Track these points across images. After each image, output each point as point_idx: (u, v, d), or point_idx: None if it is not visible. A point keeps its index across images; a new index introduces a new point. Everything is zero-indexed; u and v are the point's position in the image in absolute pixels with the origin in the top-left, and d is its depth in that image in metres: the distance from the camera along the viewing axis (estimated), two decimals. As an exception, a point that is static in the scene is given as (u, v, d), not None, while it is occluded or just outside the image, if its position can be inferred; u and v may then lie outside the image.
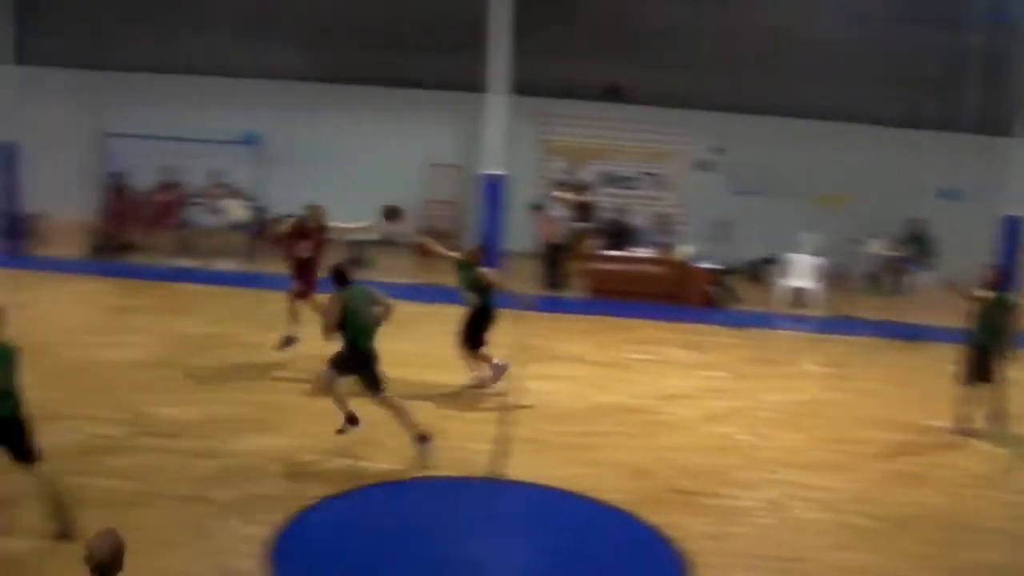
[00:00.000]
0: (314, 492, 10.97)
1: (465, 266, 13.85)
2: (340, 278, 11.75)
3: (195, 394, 13.71)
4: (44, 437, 11.35)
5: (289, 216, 15.00)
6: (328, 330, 11.60)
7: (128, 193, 20.94)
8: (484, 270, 13.90)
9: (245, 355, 15.24)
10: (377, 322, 11.84)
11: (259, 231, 20.22)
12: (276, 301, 15.47)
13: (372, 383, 11.78)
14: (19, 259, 19.89)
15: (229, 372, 14.60)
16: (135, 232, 20.72)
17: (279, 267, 15.44)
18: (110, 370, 14.26)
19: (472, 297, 13.72)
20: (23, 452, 9.74)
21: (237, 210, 20.70)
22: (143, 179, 21.05)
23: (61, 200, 21.76)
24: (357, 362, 11.72)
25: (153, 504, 10.69)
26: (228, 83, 22.00)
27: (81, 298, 18.00)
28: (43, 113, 21.56)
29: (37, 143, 20.79)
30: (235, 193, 21.01)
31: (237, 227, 20.59)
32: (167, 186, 21.07)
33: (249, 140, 21.34)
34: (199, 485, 11.11)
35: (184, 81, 22.24)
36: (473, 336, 13.92)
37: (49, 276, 18.94)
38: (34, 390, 12.81)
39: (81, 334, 15.82)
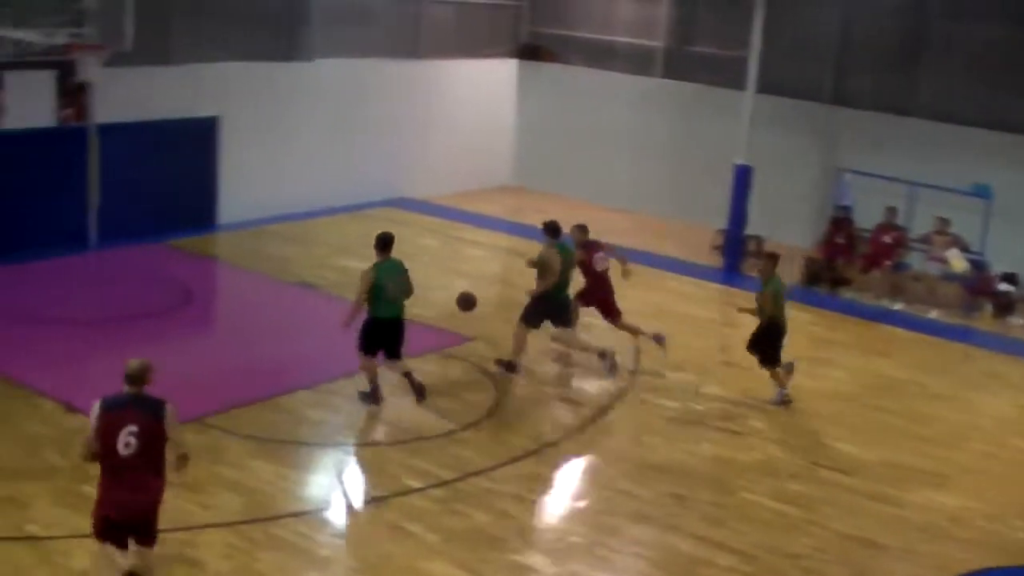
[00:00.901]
0: (983, 561, 11.35)
1: None
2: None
3: (877, 436, 14.90)
4: (727, 449, 12.89)
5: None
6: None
7: (849, 229, 22.10)
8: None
9: (933, 407, 15.69)
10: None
11: (977, 285, 20.29)
12: (983, 359, 15.73)
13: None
14: (736, 278, 21.83)
15: (914, 420, 15.14)
16: (850, 268, 21.63)
17: (994, 325, 15.75)
18: (802, 397, 16.69)
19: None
20: (397, 350, 14.47)
21: (958, 261, 20.94)
22: (866, 217, 21.92)
23: (781, 226, 23.60)
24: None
25: (814, 534, 11.60)
26: (962, 131, 22.33)
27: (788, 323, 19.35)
28: (775, 140, 23.11)
29: (766, 168, 22.38)
30: (957, 243, 21.16)
31: (955, 278, 20.78)
32: (888, 227, 21.96)
33: (979, 193, 21.40)
34: (865, 527, 11.88)
35: (919, 125, 22.94)
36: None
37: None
38: (725, 403, 14.44)
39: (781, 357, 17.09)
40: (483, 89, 28.70)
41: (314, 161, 24.62)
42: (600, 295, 17.09)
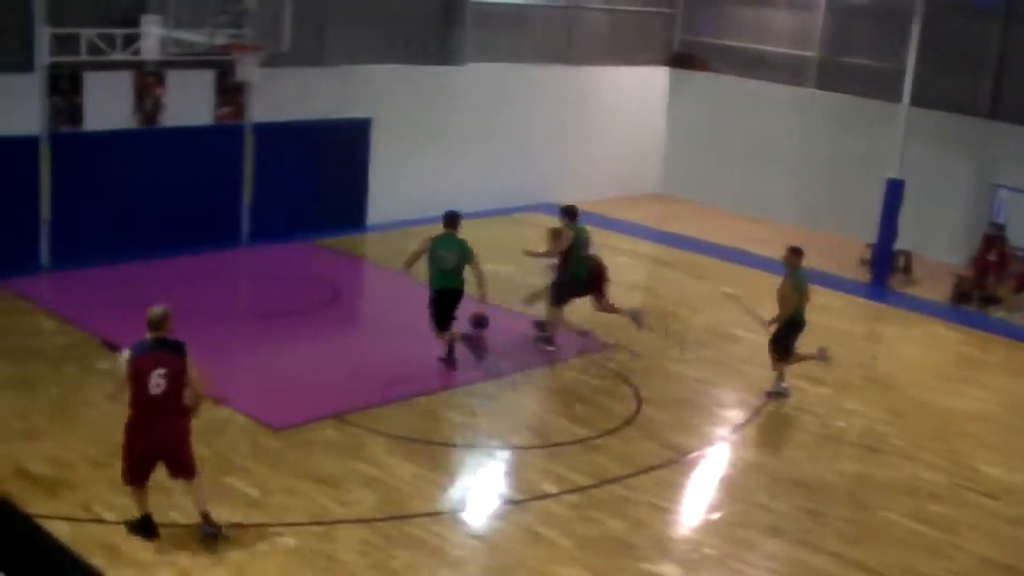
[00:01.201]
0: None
1: None
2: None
3: (1024, 459, 14.20)
4: (867, 466, 12.64)
5: None
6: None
7: (1001, 246, 21.60)
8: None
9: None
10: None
11: None
12: None
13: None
14: (883, 293, 21.73)
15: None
16: (1001, 287, 21.13)
17: None
18: (947, 417, 15.79)
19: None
20: (449, 318, 15.51)
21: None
22: (1020, 235, 21.37)
23: (932, 242, 23.33)
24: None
25: (953, 557, 11.41)
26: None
27: (934, 341, 19.41)
28: (929, 154, 22.71)
29: (918, 182, 22.01)
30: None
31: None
32: (1043, 246, 21.23)
33: None
34: (1008, 553, 11.70)
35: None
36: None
37: (907, 314, 20.73)
38: (867, 419, 14.16)
39: (927, 376, 17.33)
40: (633, 96, 28.71)
41: (463, 164, 24.85)
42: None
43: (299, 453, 12.90)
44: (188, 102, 20.53)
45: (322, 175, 22.58)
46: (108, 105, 19.58)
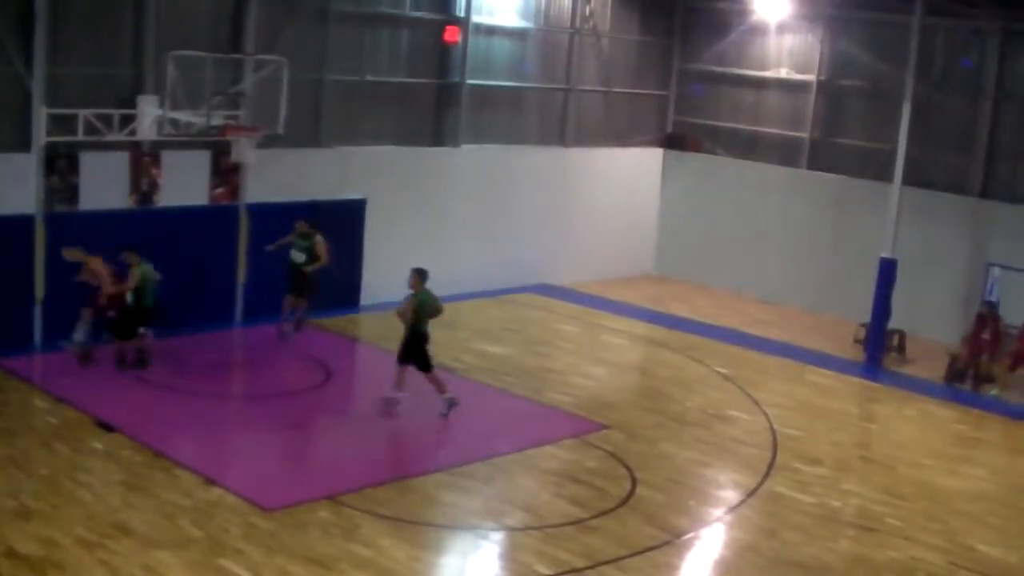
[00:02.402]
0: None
1: None
2: None
3: (1023, 538, 13.94)
4: (864, 547, 12.46)
5: None
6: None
7: (995, 325, 21.57)
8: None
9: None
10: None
11: None
12: None
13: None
14: (877, 372, 21.73)
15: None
16: (996, 365, 21.12)
17: None
18: (944, 496, 15.82)
19: None
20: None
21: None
22: (1014, 313, 21.51)
23: (926, 321, 23.56)
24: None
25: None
26: None
27: (929, 420, 19.42)
28: (922, 233, 22.91)
29: (911, 261, 22.17)
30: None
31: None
32: (1037, 324, 21.19)
33: None
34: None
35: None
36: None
37: (902, 393, 20.81)
38: (863, 499, 14.04)
39: (923, 455, 17.41)
40: (627, 177, 28.85)
41: (458, 245, 24.91)
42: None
43: (292, 534, 12.75)
44: (184, 182, 20.61)
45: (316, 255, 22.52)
46: (104, 185, 19.65)
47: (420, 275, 17.31)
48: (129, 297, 18.03)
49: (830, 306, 25.92)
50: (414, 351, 17.26)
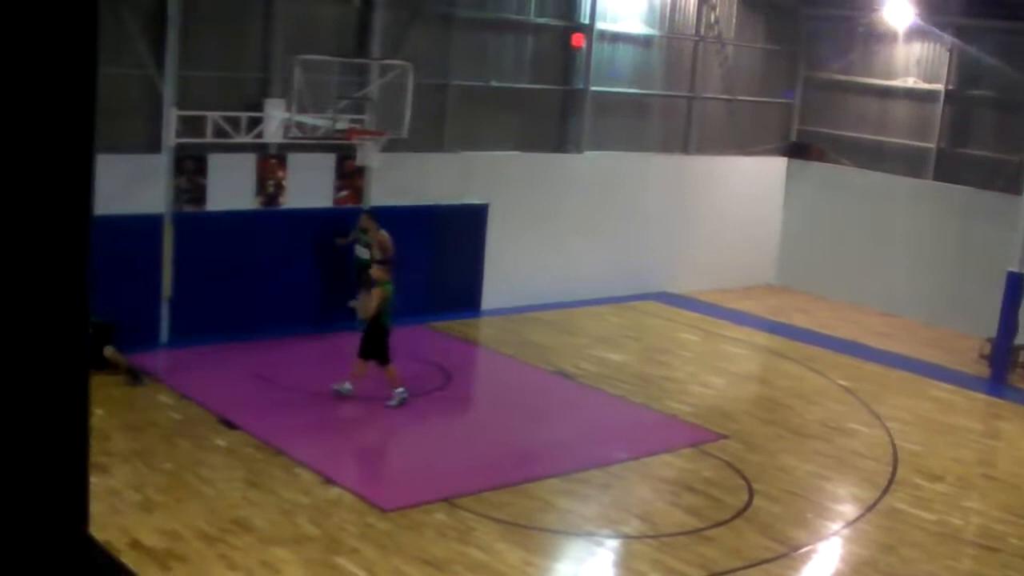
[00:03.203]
0: None
1: None
2: None
3: None
4: (985, 567, 12.14)
5: None
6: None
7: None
8: None
9: None
10: None
11: None
12: None
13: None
14: (1002, 388, 21.60)
15: None
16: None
17: None
18: None
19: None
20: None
21: None
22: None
23: None
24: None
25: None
26: None
27: None
28: None
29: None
30: None
31: None
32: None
33: None
34: None
35: None
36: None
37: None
38: (986, 517, 13.71)
39: None
40: (750, 186, 28.62)
41: (578, 251, 24.93)
42: None
43: (408, 535, 12.86)
44: (308, 185, 20.92)
45: (438, 259, 22.76)
46: (231, 186, 20.03)
47: (387, 266, 17.24)
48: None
49: (953, 320, 25.39)
50: (376, 344, 17.16)
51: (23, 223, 3.17)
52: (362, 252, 20.60)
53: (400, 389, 17.32)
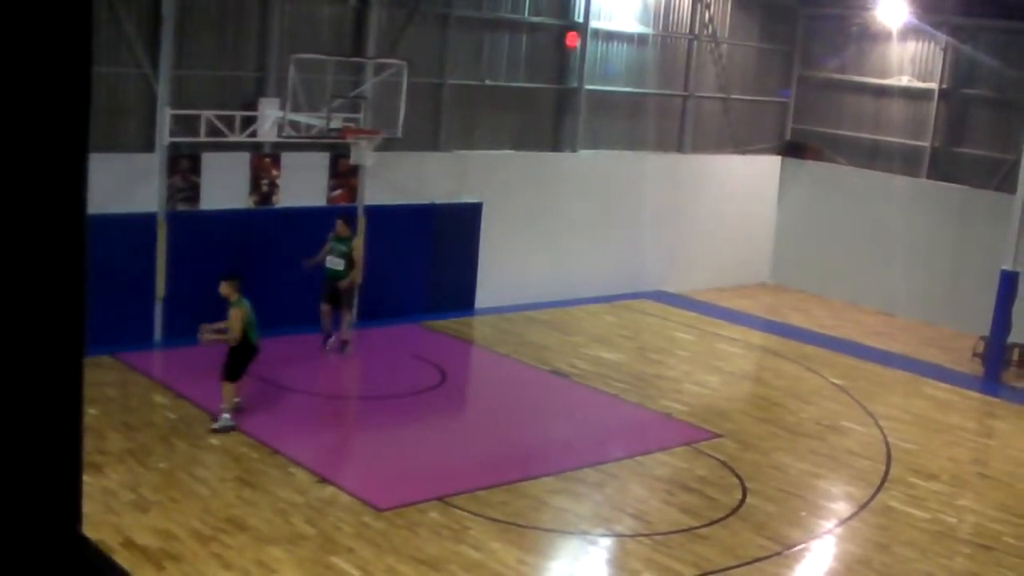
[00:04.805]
0: None
1: None
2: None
3: None
4: (980, 565, 12.14)
5: None
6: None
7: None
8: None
9: None
10: None
11: None
12: None
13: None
14: (996, 387, 21.64)
15: None
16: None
17: None
18: None
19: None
20: None
21: None
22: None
23: None
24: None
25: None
26: None
27: None
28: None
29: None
30: None
31: None
32: None
33: None
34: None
35: None
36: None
37: (1021, 409, 19.89)
38: (980, 516, 13.69)
39: None
40: (745, 185, 28.66)
41: (573, 250, 24.97)
42: None
43: (403, 534, 12.87)
44: (302, 184, 20.93)
45: (432, 258, 22.78)
46: (225, 185, 20.05)
47: (234, 282, 16.12)
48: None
49: (948, 318, 25.48)
50: (240, 363, 16.04)
51: (16, 222, 3.17)
52: (335, 263, 19.56)
53: (227, 415, 15.84)
